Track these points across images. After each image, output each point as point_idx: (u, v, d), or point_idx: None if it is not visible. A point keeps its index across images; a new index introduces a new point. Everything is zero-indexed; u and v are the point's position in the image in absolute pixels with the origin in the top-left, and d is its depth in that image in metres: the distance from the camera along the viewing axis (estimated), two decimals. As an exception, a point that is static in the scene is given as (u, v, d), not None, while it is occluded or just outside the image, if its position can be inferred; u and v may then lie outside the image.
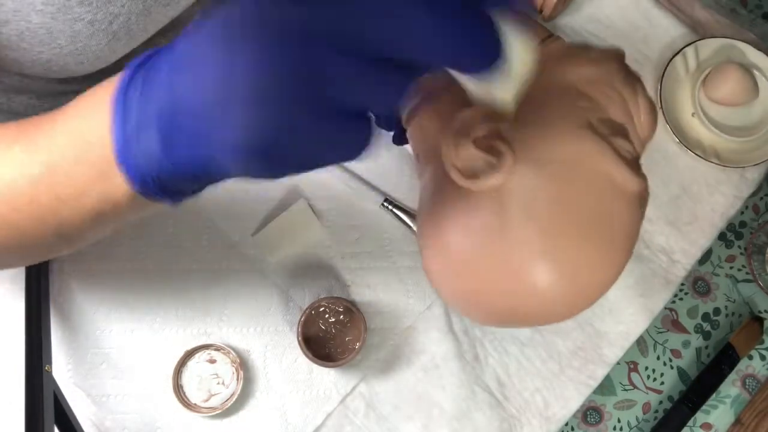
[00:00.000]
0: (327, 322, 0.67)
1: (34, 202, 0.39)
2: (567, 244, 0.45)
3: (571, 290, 0.47)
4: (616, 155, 0.47)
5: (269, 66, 0.28)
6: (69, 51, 0.57)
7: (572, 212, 0.45)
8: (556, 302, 0.47)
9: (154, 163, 0.34)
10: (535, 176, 0.45)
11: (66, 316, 0.68)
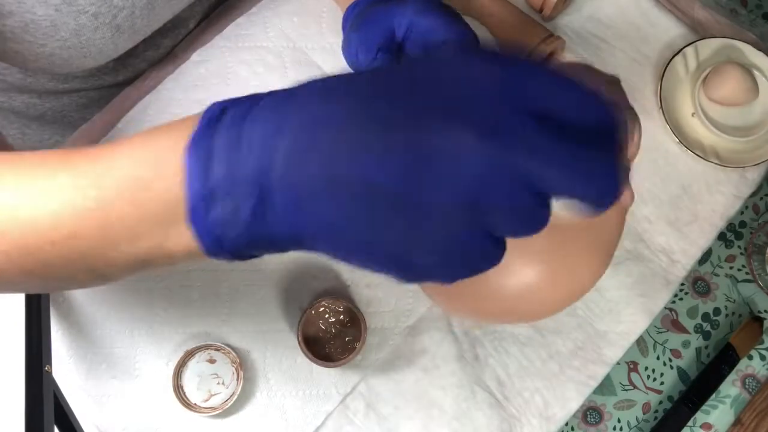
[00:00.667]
0: (327, 322, 0.67)
1: (77, 237, 0.35)
2: (569, 248, 0.46)
3: (561, 289, 0.48)
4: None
5: (461, 196, 0.27)
6: (72, 44, 0.57)
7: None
8: (542, 297, 0.49)
9: (238, 229, 0.31)
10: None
11: (66, 316, 0.68)
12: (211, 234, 0.31)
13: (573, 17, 0.78)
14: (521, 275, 0.48)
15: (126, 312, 0.68)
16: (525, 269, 0.47)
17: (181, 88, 0.73)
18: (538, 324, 0.72)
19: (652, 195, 0.75)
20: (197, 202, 0.31)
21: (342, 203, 0.28)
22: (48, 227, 0.36)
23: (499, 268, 0.39)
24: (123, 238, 0.34)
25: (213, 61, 0.74)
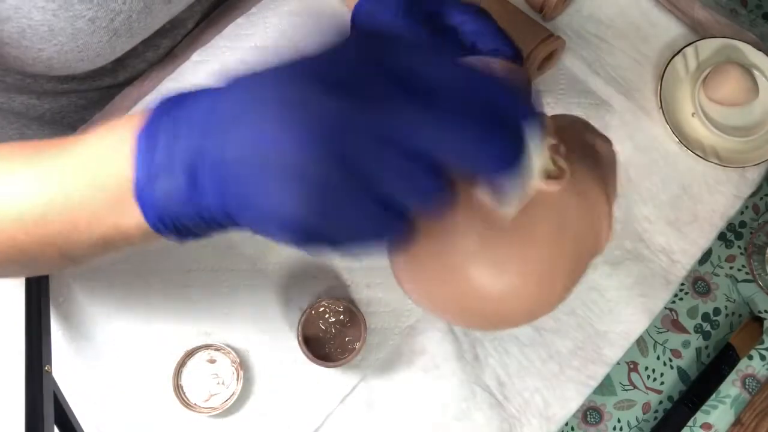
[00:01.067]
0: (327, 322, 0.67)
1: (46, 224, 0.40)
2: (552, 258, 0.45)
3: (540, 298, 0.46)
4: (610, 219, 0.48)
5: (312, 149, 0.29)
6: (70, 48, 0.57)
7: (574, 239, 0.46)
8: (521, 301, 0.46)
9: (175, 205, 0.34)
10: (568, 198, 0.45)
11: (66, 316, 0.68)
12: (154, 208, 0.35)
13: (573, 17, 0.78)
14: (502, 279, 0.47)
15: (126, 312, 0.68)
16: (506, 273, 0.46)
17: (180, 88, 0.73)
18: (538, 324, 0.72)
19: (652, 195, 0.76)
20: (142, 181, 0.35)
21: (249, 177, 0.31)
22: (21, 216, 0.40)
23: (481, 273, 0.41)
24: (85, 221, 0.39)
25: (213, 61, 0.74)
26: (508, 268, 0.43)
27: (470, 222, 0.41)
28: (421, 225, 0.34)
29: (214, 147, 0.32)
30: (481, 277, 0.42)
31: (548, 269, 0.44)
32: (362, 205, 0.30)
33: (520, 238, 0.42)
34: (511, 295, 0.44)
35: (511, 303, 0.45)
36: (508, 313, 0.46)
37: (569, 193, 0.43)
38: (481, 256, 0.42)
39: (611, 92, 0.77)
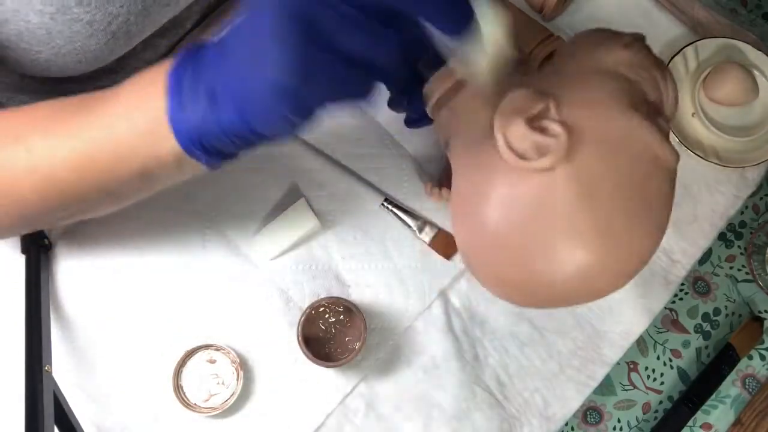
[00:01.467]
0: (327, 322, 0.67)
1: (93, 163, 0.47)
2: (616, 221, 0.47)
3: (616, 267, 0.48)
4: (659, 132, 0.49)
5: (285, 19, 0.35)
6: (67, 51, 0.57)
7: (622, 189, 0.47)
8: (598, 278, 0.48)
9: (201, 122, 0.41)
10: (588, 155, 0.46)
11: (66, 316, 0.68)
12: (185, 132, 0.43)
13: (573, 17, 0.78)
14: (569, 260, 0.47)
15: (126, 312, 0.68)
16: (572, 253, 0.47)
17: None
18: (538, 324, 0.72)
19: (652, 195, 0.75)
20: (174, 110, 0.43)
21: (246, 74, 0.38)
22: (70, 157, 0.47)
23: (545, 255, 0.46)
24: (126, 154, 0.46)
25: (213, 61, 0.74)
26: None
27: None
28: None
29: (222, 66, 0.40)
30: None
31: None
32: (330, 64, 0.37)
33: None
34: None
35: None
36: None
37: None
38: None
39: (611, 92, 0.77)
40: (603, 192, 0.46)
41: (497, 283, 0.53)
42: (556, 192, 0.46)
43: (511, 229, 0.48)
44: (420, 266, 0.71)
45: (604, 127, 0.47)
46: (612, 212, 0.47)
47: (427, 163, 0.73)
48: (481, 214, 0.49)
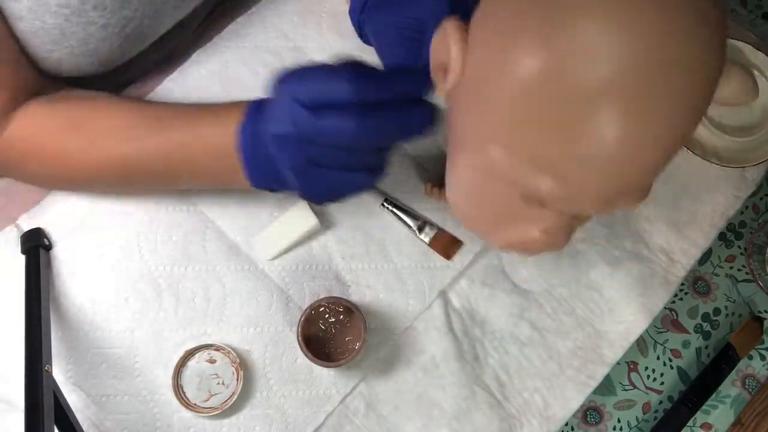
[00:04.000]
0: (327, 322, 0.67)
1: (168, 165, 0.59)
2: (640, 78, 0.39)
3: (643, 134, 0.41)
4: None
5: (296, 155, 0.51)
6: (81, 51, 0.58)
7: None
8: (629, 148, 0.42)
9: (261, 160, 0.54)
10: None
11: (66, 316, 0.68)
12: (255, 175, 0.56)
13: (573, 17, 0.78)
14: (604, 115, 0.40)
15: (126, 312, 0.68)
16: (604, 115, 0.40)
17: (181, 88, 0.73)
18: (538, 324, 0.72)
19: (652, 195, 0.75)
20: (248, 155, 0.55)
21: (282, 172, 0.53)
22: (153, 157, 0.59)
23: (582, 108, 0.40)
24: (196, 170, 0.60)
25: (213, 61, 0.74)
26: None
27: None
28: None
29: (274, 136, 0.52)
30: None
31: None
32: (330, 179, 0.52)
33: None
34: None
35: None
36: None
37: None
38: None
39: (611, 92, 0.77)
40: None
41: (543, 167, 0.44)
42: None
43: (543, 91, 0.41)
44: (420, 266, 0.71)
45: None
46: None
47: (427, 163, 0.73)
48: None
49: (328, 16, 0.76)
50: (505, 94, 0.43)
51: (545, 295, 0.73)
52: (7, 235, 0.69)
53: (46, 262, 0.68)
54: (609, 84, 0.39)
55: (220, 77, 0.74)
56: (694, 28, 0.39)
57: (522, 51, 0.41)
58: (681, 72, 0.40)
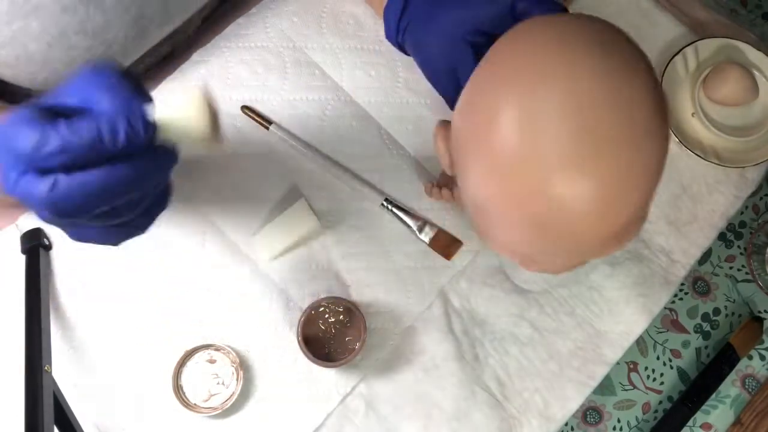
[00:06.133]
0: (327, 322, 0.67)
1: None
2: (591, 151, 0.43)
3: (605, 197, 0.44)
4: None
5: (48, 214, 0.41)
6: (66, 73, 0.58)
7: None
8: (589, 214, 0.44)
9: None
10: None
11: (66, 316, 0.68)
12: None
13: (573, 17, 0.78)
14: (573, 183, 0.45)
15: (126, 312, 0.68)
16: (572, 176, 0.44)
17: (181, 88, 0.73)
18: (538, 324, 0.72)
19: (652, 195, 0.75)
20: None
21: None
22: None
23: (554, 179, 0.44)
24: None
25: (213, 61, 0.74)
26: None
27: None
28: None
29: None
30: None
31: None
32: (82, 231, 0.44)
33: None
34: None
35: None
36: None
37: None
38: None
39: (611, 92, 0.77)
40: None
41: (517, 226, 0.48)
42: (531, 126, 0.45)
43: (520, 149, 0.44)
44: (420, 266, 0.71)
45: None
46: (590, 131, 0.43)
47: (427, 163, 0.73)
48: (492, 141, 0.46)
49: (328, 16, 0.76)
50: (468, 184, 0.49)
51: (545, 295, 0.73)
52: (7, 234, 0.69)
53: (46, 262, 0.68)
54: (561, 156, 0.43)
55: (220, 77, 0.74)
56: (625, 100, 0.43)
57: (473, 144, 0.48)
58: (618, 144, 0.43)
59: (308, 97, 0.74)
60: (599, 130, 0.42)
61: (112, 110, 0.39)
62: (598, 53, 0.45)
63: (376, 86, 0.75)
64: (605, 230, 0.45)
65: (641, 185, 0.44)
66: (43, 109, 0.39)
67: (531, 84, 0.44)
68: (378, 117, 0.74)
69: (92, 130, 0.38)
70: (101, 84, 0.40)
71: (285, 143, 0.72)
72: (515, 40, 0.48)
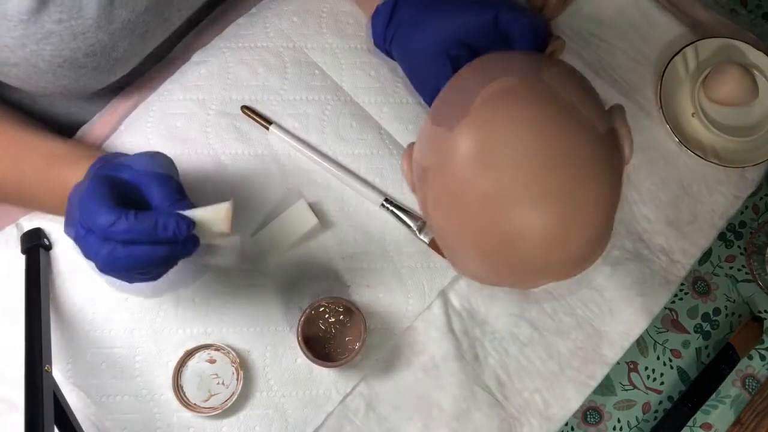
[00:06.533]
0: (327, 322, 0.67)
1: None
2: (547, 180, 0.48)
3: (561, 227, 0.48)
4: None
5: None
6: (72, 87, 0.64)
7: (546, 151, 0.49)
8: (539, 248, 0.49)
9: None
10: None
11: (66, 316, 0.68)
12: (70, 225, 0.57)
13: (573, 17, 0.78)
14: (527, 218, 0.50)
15: (126, 312, 0.68)
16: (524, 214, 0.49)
17: (181, 88, 0.73)
18: (538, 324, 0.72)
19: (652, 195, 0.75)
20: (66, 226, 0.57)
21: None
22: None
23: (508, 213, 0.49)
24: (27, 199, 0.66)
25: (213, 61, 0.74)
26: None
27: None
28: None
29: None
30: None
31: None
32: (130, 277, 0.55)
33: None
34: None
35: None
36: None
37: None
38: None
39: (611, 93, 0.77)
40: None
41: (476, 256, 0.53)
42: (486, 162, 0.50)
43: (477, 187, 0.50)
44: (420, 266, 0.71)
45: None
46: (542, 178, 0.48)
47: (427, 163, 0.73)
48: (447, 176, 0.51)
49: (328, 16, 0.76)
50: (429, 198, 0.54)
51: (545, 295, 0.72)
52: (7, 234, 0.69)
53: (46, 262, 0.68)
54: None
55: (220, 77, 0.74)
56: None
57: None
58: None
59: (308, 97, 0.74)
60: (550, 173, 0.47)
61: (165, 206, 0.53)
62: (549, 110, 0.50)
63: (376, 86, 0.75)
64: (556, 261, 0.51)
65: (589, 221, 0.49)
66: (113, 182, 0.52)
67: (490, 129, 0.49)
68: (378, 117, 0.74)
69: (150, 223, 0.50)
70: (158, 179, 0.54)
71: (285, 143, 0.72)
72: (477, 82, 0.53)
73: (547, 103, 0.50)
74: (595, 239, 0.51)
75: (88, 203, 0.51)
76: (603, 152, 0.50)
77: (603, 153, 0.50)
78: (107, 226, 0.50)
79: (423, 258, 0.71)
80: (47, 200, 0.64)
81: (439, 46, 0.62)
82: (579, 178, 0.48)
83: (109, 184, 0.52)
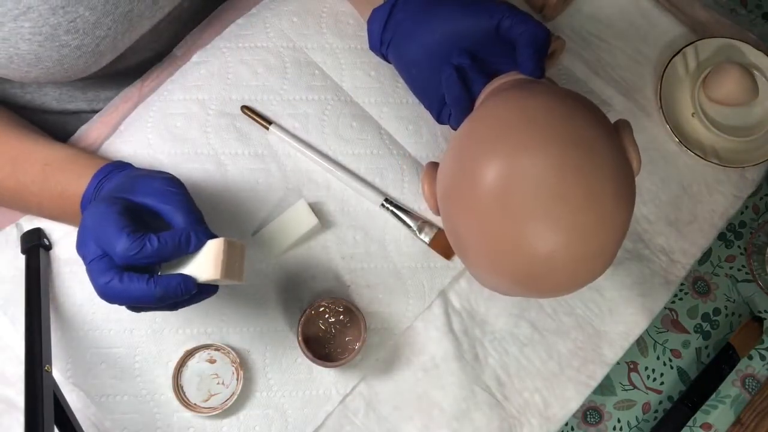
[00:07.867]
0: (327, 322, 0.67)
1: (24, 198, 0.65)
2: (566, 207, 0.50)
3: (576, 252, 0.51)
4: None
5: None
6: (56, 70, 0.61)
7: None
8: (564, 267, 0.51)
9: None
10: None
11: (66, 316, 0.68)
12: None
13: (573, 17, 0.78)
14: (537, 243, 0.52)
15: (126, 312, 0.68)
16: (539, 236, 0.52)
17: (181, 88, 0.73)
18: (538, 324, 0.72)
19: (652, 195, 0.76)
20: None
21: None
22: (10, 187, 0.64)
23: (526, 229, 0.52)
24: (37, 208, 0.66)
25: (213, 61, 0.74)
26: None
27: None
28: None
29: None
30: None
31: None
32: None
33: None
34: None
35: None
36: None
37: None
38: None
39: (611, 92, 0.77)
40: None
41: (491, 264, 0.55)
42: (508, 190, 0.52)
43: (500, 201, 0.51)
44: (420, 266, 0.71)
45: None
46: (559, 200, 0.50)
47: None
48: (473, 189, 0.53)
49: (328, 16, 0.76)
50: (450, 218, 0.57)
51: (545, 295, 0.73)
52: (7, 234, 0.69)
53: (46, 262, 0.68)
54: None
55: (220, 77, 0.74)
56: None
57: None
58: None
59: (308, 97, 0.74)
60: (571, 192, 0.50)
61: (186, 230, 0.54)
62: (564, 126, 0.52)
63: (376, 86, 0.75)
64: (574, 287, 0.53)
65: (612, 252, 0.53)
66: (128, 207, 0.53)
67: (513, 152, 0.51)
68: (378, 117, 0.74)
69: (168, 248, 0.52)
70: (179, 205, 0.56)
71: (285, 143, 0.72)
72: (496, 106, 0.55)
73: (573, 143, 0.51)
74: (610, 261, 0.54)
75: (106, 233, 0.51)
76: (625, 184, 0.53)
77: (625, 185, 0.53)
78: (123, 252, 0.51)
79: (423, 258, 0.71)
80: (46, 206, 0.64)
81: (441, 54, 0.62)
82: (604, 195, 0.51)
83: (124, 209, 0.53)
